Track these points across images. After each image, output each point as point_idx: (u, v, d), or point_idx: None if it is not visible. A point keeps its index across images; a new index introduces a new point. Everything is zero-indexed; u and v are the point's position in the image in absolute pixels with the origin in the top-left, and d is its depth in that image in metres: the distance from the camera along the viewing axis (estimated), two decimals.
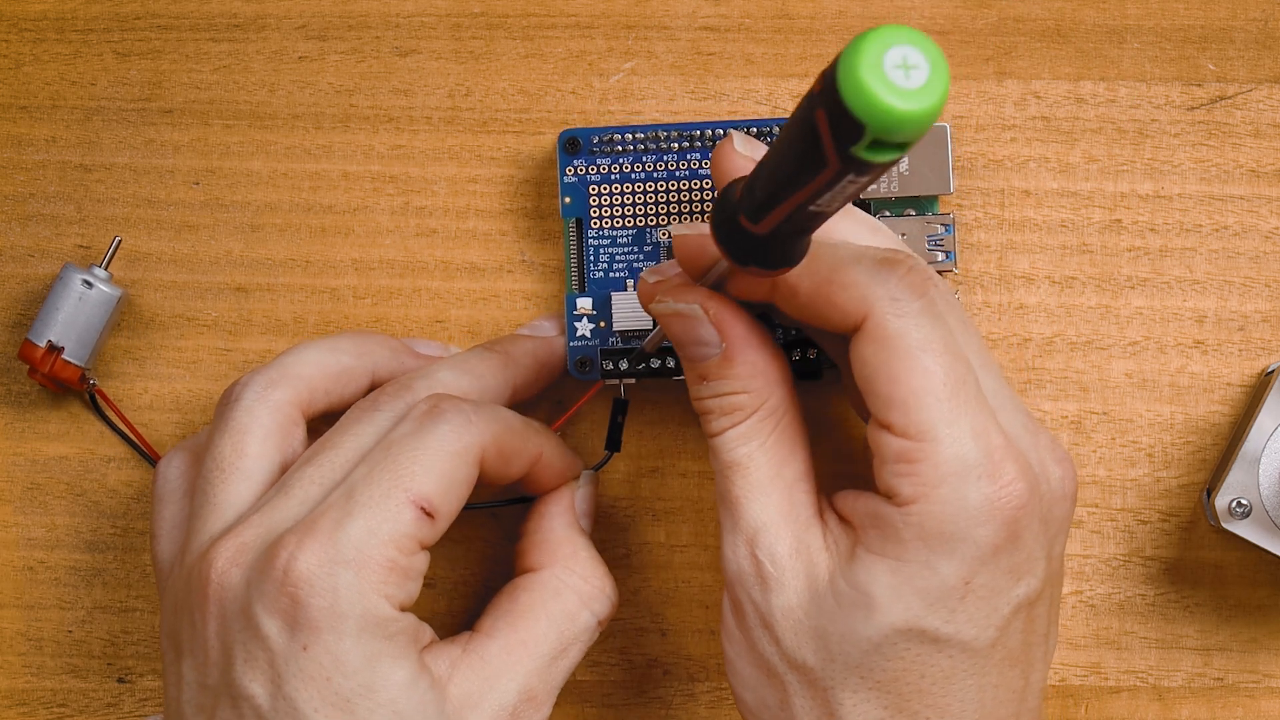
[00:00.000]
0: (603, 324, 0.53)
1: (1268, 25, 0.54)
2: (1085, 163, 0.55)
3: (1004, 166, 0.55)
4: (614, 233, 0.54)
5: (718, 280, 0.47)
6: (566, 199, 0.54)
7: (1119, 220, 0.55)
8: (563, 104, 0.55)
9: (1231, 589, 0.55)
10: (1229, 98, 0.54)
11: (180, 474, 0.51)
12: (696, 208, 0.53)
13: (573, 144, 0.53)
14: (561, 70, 0.55)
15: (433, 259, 0.55)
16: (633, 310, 0.53)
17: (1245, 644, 0.55)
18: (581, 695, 0.56)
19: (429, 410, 0.47)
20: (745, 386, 0.46)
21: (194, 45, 0.56)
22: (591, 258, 0.54)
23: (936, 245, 0.53)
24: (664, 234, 0.53)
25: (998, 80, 0.55)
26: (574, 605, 0.50)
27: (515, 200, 0.55)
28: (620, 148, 0.53)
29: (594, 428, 0.56)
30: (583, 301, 0.54)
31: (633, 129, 0.53)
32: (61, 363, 0.54)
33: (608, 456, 0.54)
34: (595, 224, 0.54)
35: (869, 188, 0.41)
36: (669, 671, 0.56)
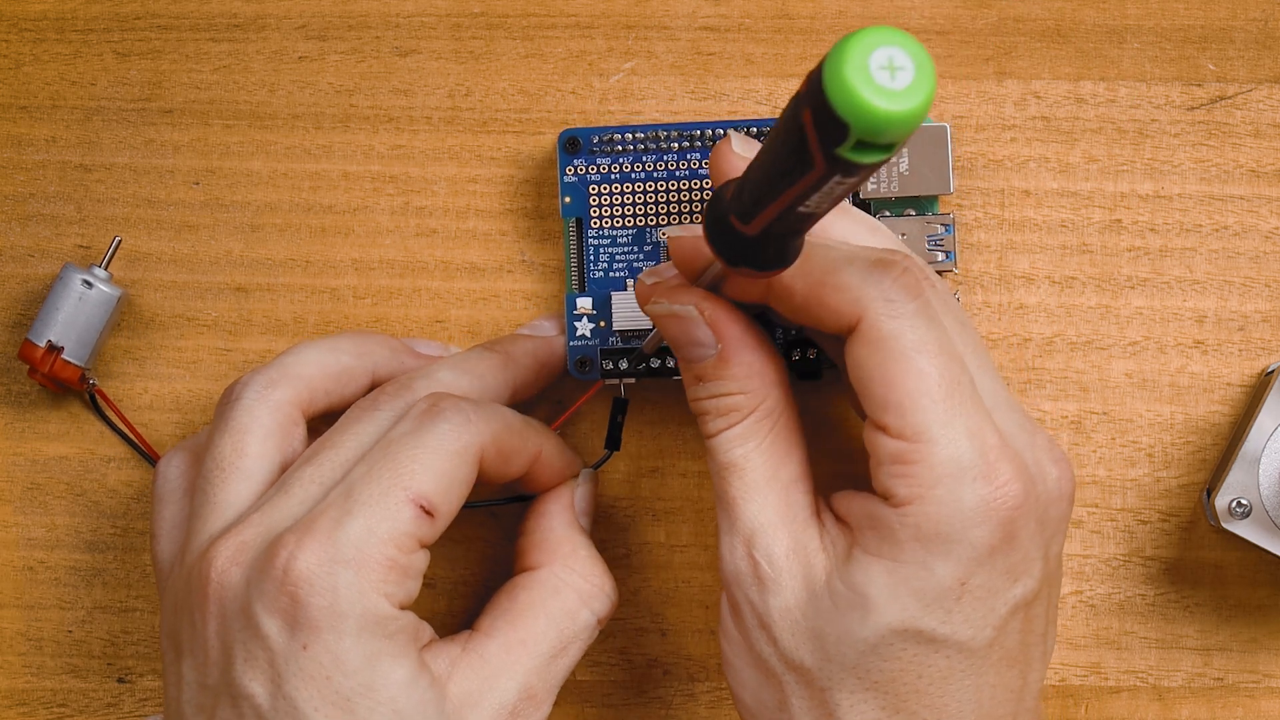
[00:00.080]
0: (603, 324, 0.53)
1: (1268, 25, 0.54)
2: (1085, 163, 0.54)
3: (1004, 166, 0.55)
4: (614, 232, 0.54)
5: (714, 282, 0.46)
6: (566, 199, 0.54)
7: (1119, 220, 0.55)
8: (563, 104, 0.55)
9: (1231, 589, 0.55)
10: (1229, 98, 0.54)
11: (180, 474, 0.51)
12: (696, 208, 0.53)
13: (573, 144, 0.53)
14: (561, 70, 0.55)
15: (433, 259, 0.55)
16: (633, 310, 0.53)
17: (1245, 644, 0.55)
18: (581, 695, 0.56)
19: (428, 409, 0.47)
20: (741, 387, 0.46)
21: (194, 45, 0.56)
22: (591, 258, 0.54)
23: (936, 245, 0.53)
24: (663, 234, 0.53)
25: (998, 80, 0.55)
26: (573, 604, 0.50)
27: (515, 200, 0.55)
28: (620, 148, 0.53)
29: (594, 427, 0.56)
30: (583, 301, 0.54)
31: (633, 129, 0.53)
32: (61, 363, 0.54)
33: (607, 455, 0.54)
34: (595, 224, 0.54)
35: (860, 187, 0.41)
36: (669, 671, 0.56)
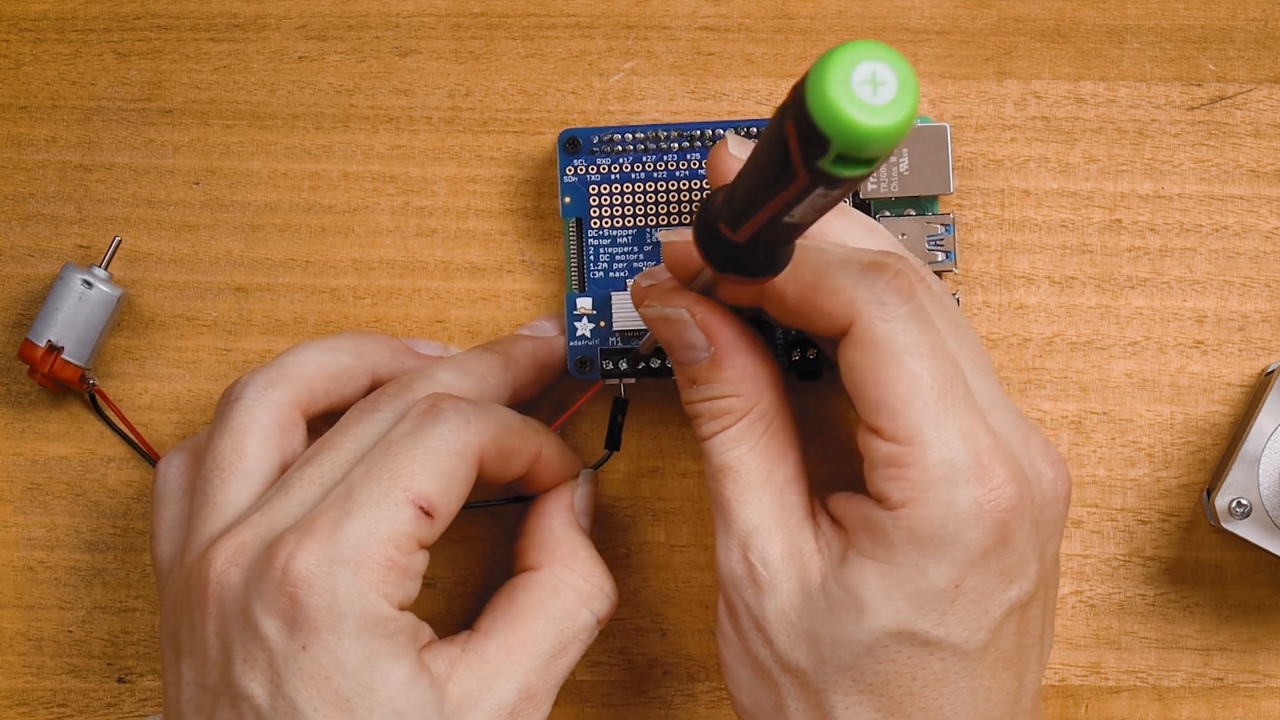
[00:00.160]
0: (603, 324, 0.53)
1: (1268, 25, 0.54)
2: (1085, 163, 0.54)
3: (1004, 166, 0.55)
4: (614, 232, 0.54)
5: (707, 285, 0.46)
6: (566, 199, 0.54)
7: (1119, 220, 0.54)
8: (563, 104, 0.55)
9: (1231, 589, 0.55)
10: (1229, 98, 0.54)
11: (180, 474, 0.51)
12: (696, 208, 0.53)
13: (573, 144, 0.53)
14: (561, 70, 0.55)
15: (433, 259, 0.55)
16: (633, 310, 0.53)
17: (1245, 644, 0.55)
18: (581, 695, 0.56)
19: (428, 410, 0.47)
20: (734, 390, 0.46)
21: (194, 45, 0.56)
22: (591, 258, 0.54)
23: (936, 245, 0.53)
24: (656, 236, 0.53)
25: (998, 80, 0.55)
26: (573, 604, 0.50)
27: (515, 200, 0.55)
28: (620, 148, 0.53)
29: (594, 427, 0.56)
30: (583, 301, 0.54)
31: (633, 129, 0.53)
32: (61, 363, 0.54)
33: (607, 455, 0.54)
34: (595, 224, 0.54)
35: (849, 195, 0.41)
36: (669, 671, 0.56)
